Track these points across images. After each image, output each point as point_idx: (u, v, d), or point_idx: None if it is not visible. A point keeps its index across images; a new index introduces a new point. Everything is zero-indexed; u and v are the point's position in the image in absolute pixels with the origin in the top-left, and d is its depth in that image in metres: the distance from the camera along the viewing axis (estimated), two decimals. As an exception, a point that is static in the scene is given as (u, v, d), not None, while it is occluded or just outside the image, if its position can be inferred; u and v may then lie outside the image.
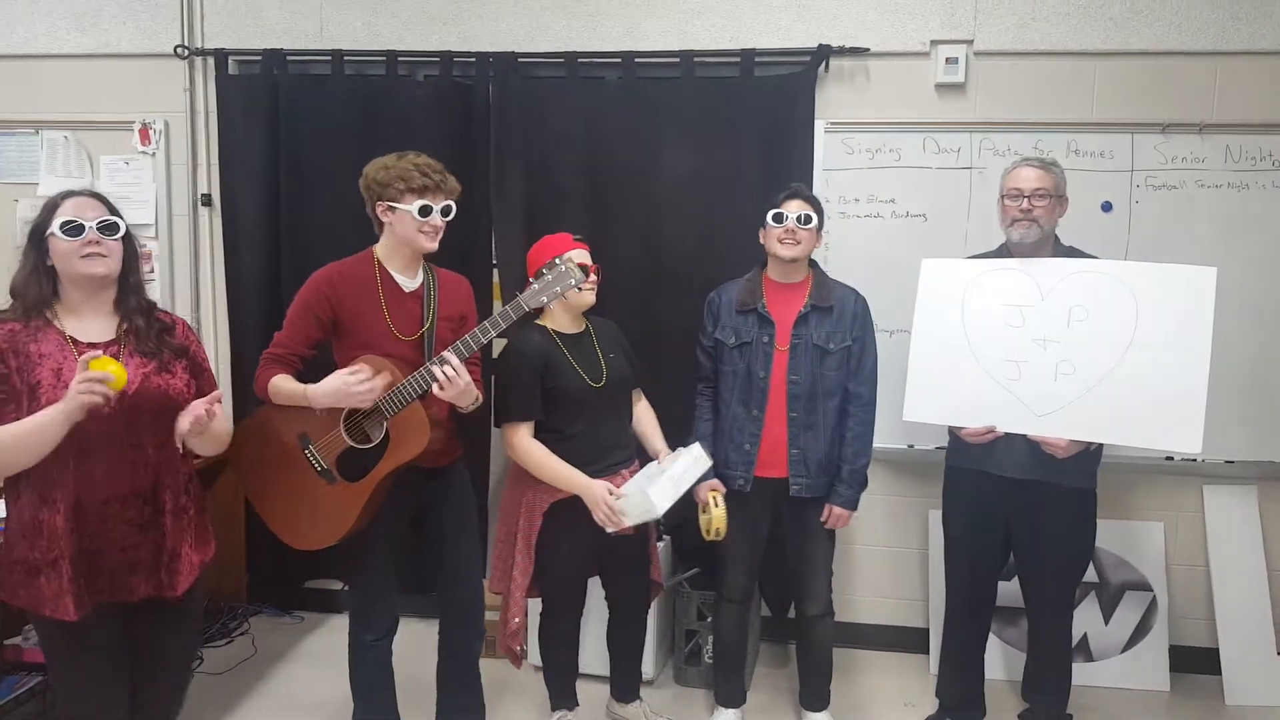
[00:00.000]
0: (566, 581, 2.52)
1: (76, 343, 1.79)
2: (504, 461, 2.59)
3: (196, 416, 1.81)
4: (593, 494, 2.32)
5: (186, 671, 2.17)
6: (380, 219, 2.23)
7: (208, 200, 3.43)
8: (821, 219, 2.51)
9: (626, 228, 3.14)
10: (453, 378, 2.09)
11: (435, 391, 2.10)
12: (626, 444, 2.53)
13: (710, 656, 2.93)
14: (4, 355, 1.74)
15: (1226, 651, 3.01)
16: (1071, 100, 3.00)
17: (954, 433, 2.48)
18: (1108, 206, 2.98)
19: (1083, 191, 2.81)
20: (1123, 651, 3.07)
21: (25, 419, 1.70)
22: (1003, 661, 3.07)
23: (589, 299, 2.44)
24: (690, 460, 2.41)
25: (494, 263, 3.24)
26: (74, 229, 1.76)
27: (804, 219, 2.46)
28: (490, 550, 2.63)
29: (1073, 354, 2.29)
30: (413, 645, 2.63)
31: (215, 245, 3.44)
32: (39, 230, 1.78)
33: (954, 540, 2.61)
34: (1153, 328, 2.24)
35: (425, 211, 2.18)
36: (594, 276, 2.43)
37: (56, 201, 1.80)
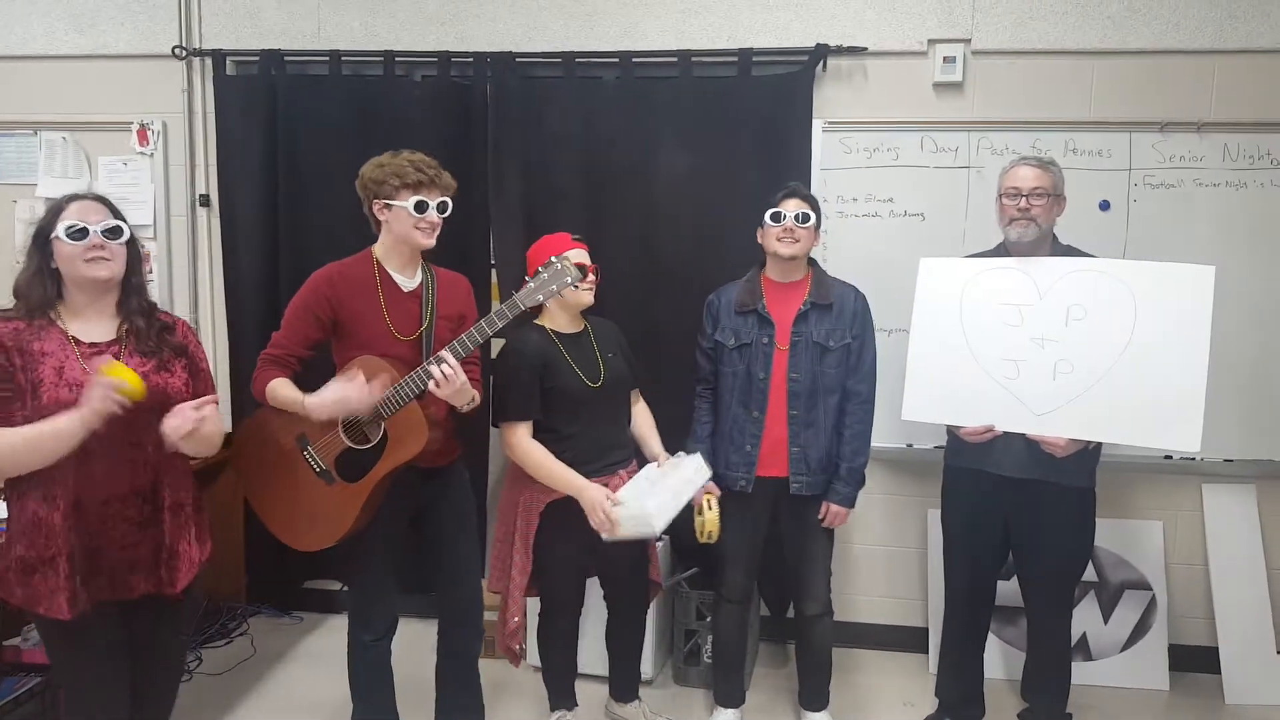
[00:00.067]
0: (564, 581, 2.51)
1: (78, 342, 1.80)
2: (503, 461, 2.59)
3: (180, 422, 1.79)
4: (589, 497, 2.31)
5: (181, 668, 2.18)
6: (377, 217, 2.24)
7: (206, 201, 3.44)
8: (819, 217, 2.51)
9: (624, 227, 3.14)
10: (450, 376, 2.09)
11: (432, 390, 2.10)
12: (624, 444, 2.53)
13: (709, 656, 2.93)
14: (9, 353, 1.75)
15: (1226, 650, 3.01)
16: (1069, 99, 3.00)
17: (953, 432, 2.47)
18: (1106, 205, 2.98)
19: (1081, 190, 2.81)
20: (1122, 650, 3.07)
21: (40, 423, 1.70)
22: (1002, 661, 3.07)
23: (587, 299, 2.44)
24: (691, 471, 2.41)
25: (492, 262, 3.24)
26: (78, 233, 1.77)
27: (802, 217, 2.45)
28: (489, 550, 2.63)
29: (1071, 353, 2.28)
30: (412, 645, 2.63)
31: (214, 245, 3.44)
32: (43, 232, 1.79)
33: (953, 539, 2.61)
34: (1151, 326, 2.24)
35: (421, 207, 2.18)
36: (592, 276, 2.43)
37: (61, 204, 1.81)
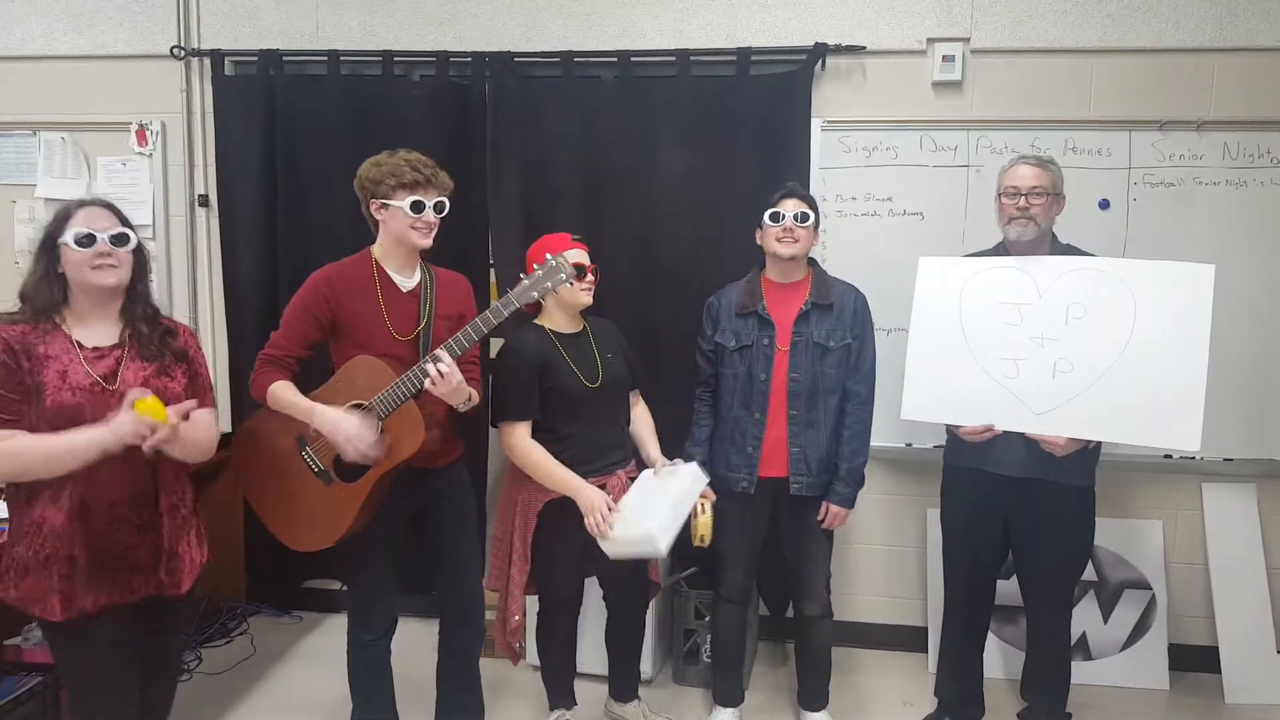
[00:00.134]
0: (563, 580, 2.51)
1: (82, 346, 1.82)
2: (502, 460, 2.59)
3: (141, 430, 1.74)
4: (586, 497, 2.31)
5: (180, 669, 2.21)
6: (375, 217, 2.24)
7: (205, 201, 3.44)
8: (818, 217, 2.51)
9: (623, 227, 3.13)
10: (446, 374, 2.08)
11: (428, 388, 2.10)
12: (623, 445, 2.52)
13: (708, 656, 2.93)
14: (17, 356, 1.76)
15: (1226, 650, 3.01)
16: (1069, 98, 3.00)
17: (952, 431, 2.47)
18: (1105, 204, 2.98)
19: (1080, 189, 2.81)
20: (1122, 650, 3.07)
21: (60, 438, 1.73)
22: (1001, 660, 3.07)
23: (586, 300, 2.43)
24: (689, 481, 2.40)
25: (491, 262, 3.23)
26: (86, 240, 1.78)
27: (801, 217, 2.45)
28: (489, 549, 2.63)
29: (1071, 352, 2.28)
30: (412, 645, 2.63)
31: (212, 246, 3.44)
32: (51, 238, 1.80)
33: (952, 539, 2.61)
34: (1151, 325, 2.23)
35: (418, 207, 2.18)
36: (591, 277, 2.43)
37: (70, 210, 1.82)
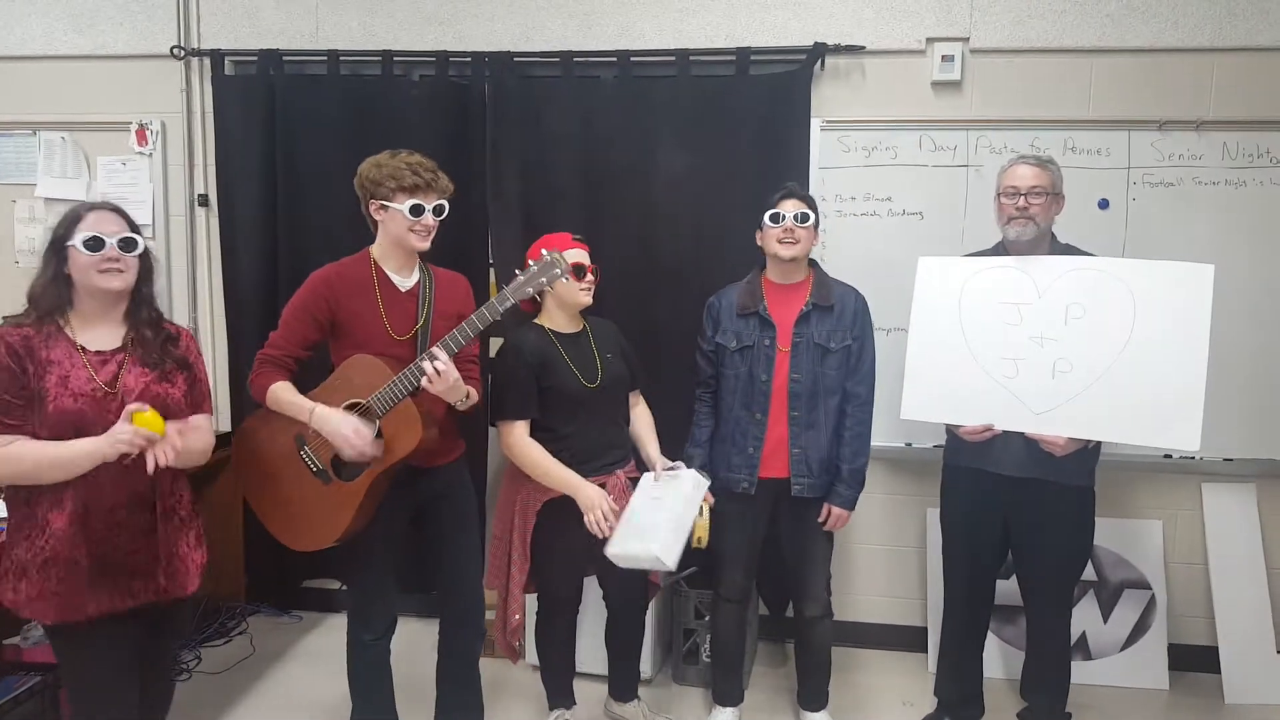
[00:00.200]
0: (562, 580, 2.51)
1: (85, 350, 1.83)
2: (502, 459, 2.59)
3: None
4: (585, 495, 2.31)
5: (176, 670, 2.20)
6: (374, 217, 2.24)
7: (204, 200, 3.44)
8: (818, 217, 2.51)
9: (622, 226, 3.13)
10: (443, 372, 2.08)
11: (425, 386, 2.10)
12: (622, 444, 2.52)
13: (708, 655, 2.92)
14: (21, 360, 1.77)
15: (1225, 650, 3.00)
16: (1068, 97, 3.00)
17: (952, 431, 2.47)
18: (1104, 204, 2.98)
19: (1079, 189, 2.82)
20: (1121, 650, 3.07)
21: (60, 446, 1.75)
22: (1001, 660, 3.06)
23: (585, 299, 2.43)
24: (690, 487, 2.39)
25: (490, 262, 3.23)
26: (95, 244, 1.80)
27: (801, 217, 2.45)
28: (489, 547, 2.63)
29: (1070, 352, 2.28)
30: (412, 644, 2.63)
31: (212, 245, 3.44)
32: (60, 240, 1.81)
33: (952, 539, 2.61)
34: (1150, 325, 2.23)
35: (417, 211, 2.18)
36: (591, 277, 2.43)
37: (79, 214, 1.83)
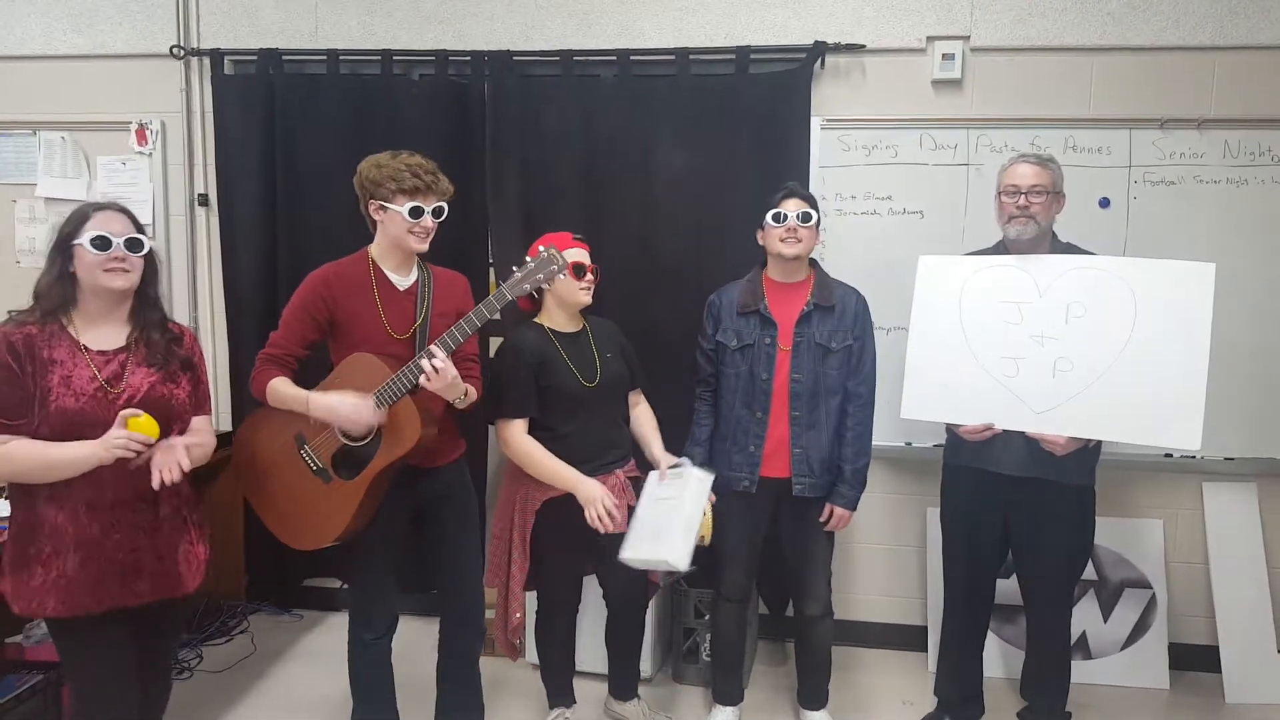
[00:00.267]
0: (561, 579, 2.51)
1: (88, 349, 1.84)
2: (502, 458, 2.59)
3: (168, 461, 1.83)
4: (585, 491, 2.31)
5: (174, 668, 2.23)
6: (373, 217, 2.24)
7: (204, 200, 3.44)
8: (819, 216, 2.51)
9: (622, 226, 3.13)
10: (441, 370, 2.08)
11: (423, 384, 2.10)
12: (621, 444, 2.52)
13: (708, 654, 2.92)
14: (21, 360, 1.78)
15: (1226, 649, 3.00)
16: (1069, 96, 2.99)
17: (952, 430, 2.47)
18: (1105, 203, 2.97)
19: (1080, 188, 2.81)
20: (1122, 649, 3.07)
21: (55, 448, 1.76)
22: (1001, 659, 3.06)
23: (585, 298, 2.43)
24: (696, 486, 2.38)
25: (490, 261, 3.23)
26: (102, 243, 1.81)
27: (804, 217, 2.45)
28: (489, 547, 2.63)
29: (1071, 351, 2.28)
30: (412, 644, 2.63)
31: (212, 245, 3.44)
32: (66, 239, 1.83)
33: (952, 538, 2.61)
34: (1151, 324, 2.23)
35: (416, 213, 2.18)
36: (591, 276, 2.43)
37: (87, 213, 1.85)
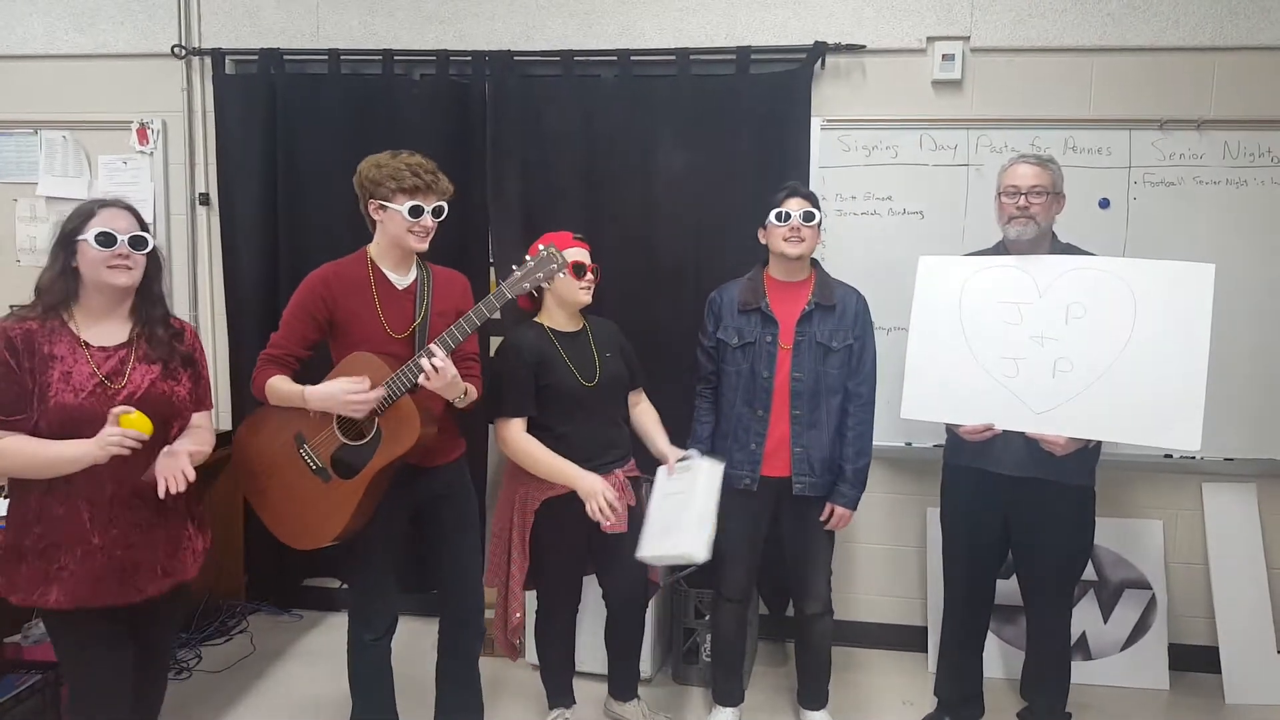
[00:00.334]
0: (560, 578, 2.51)
1: (88, 345, 1.84)
2: (501, 458, 2.59)
3: (173, 466, 1.86)
4: (585, 484, 2.31)
5: (169, 663, 2.25)
6: (372, 216, 2.24)
7: (205, 199, 3.44)
8: (821, 215, 2.51)
9: (623, 226, 3.13)
10: (440, 369, 2.08)
11: (422, 383, 2.10)
12: (621, 444, 2.52)
13: (708, 655, 2.93)
14: (19, 356, 1.78)
15: (1226, 650, 3.00)
16: (1068, 97, 3.00)
17: (952, 430, 2.47)
18: (1105, 203, 2.97)
19: (1080, 188, 2.81)
20: (1122, 650, 3.06)
21: (50, 446, 1.77)
22: (1001, 660, 3.06)
23: (585, 298, 2.44)
24: (706, 476, 2.37)
25: (491, 261, 3.23)
26: (106, 240, 1.81)
27: (807, 216, 2.45)
28: (489, 546, 2.63)
29: (1071, 351, 2.28)
30: (412, 644, 2.63)
31: (213, 244, 3.45)
32: (71, 234, 1.83)
33: (952, 538, 2.61)
34: (1151, 324, 2.23)
35: (416, 212, 2.18)
36: (591, 276, 2.43)
37: (93, 209, 1.85)
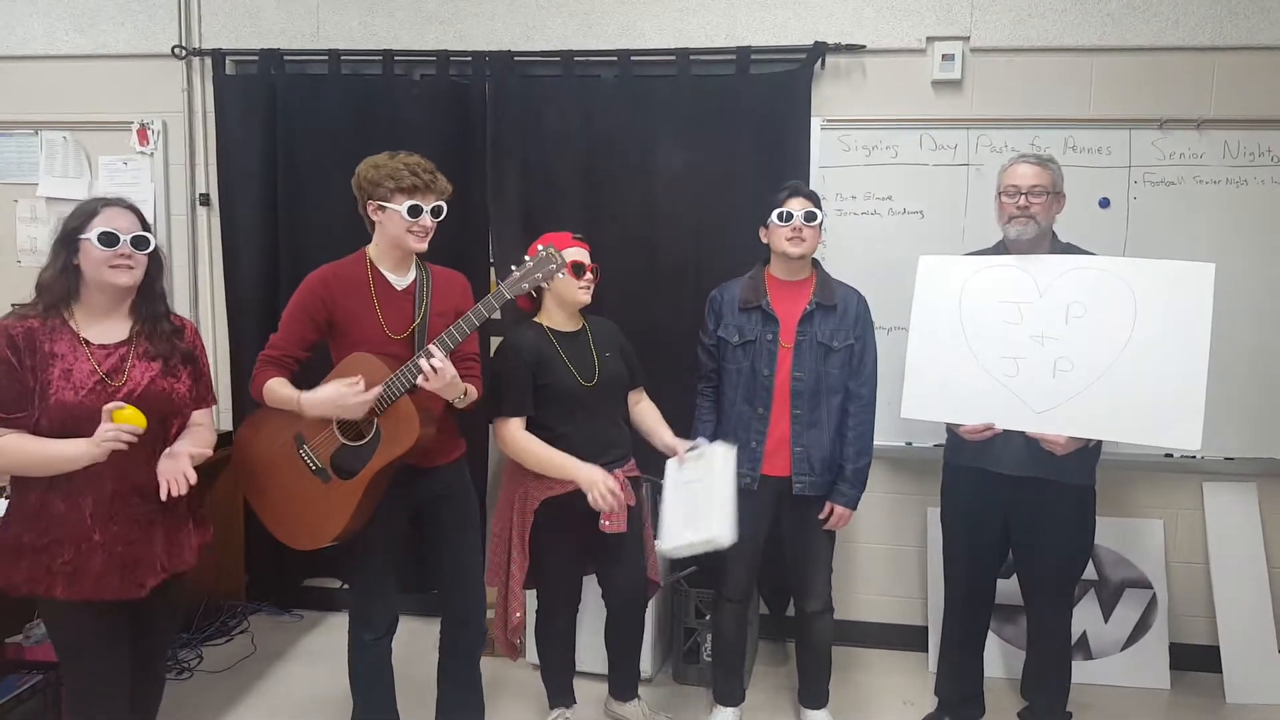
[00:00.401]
0: (560, 578, 2.52)
1: (88, 343, 1.85)
2: (501, 458, 2.59)
3: (174, 468, 1.87)
4: (586, 476, 2.31)
5: (166, 662, 2.26)
6: (371, 217, 2.24)
7: (206, 200, 3.45)
8: (822, 215, 2.51)
9: (623, 226, 3.13)
10: (439, 369, 2.08)
11: (421, 383, 2.10)
12: (620, 444, 2.52)
13: (709, 654, 2.93)
14: (20, 354, 1.79)
15: (1227, 649, 3.00)
16: (1068, 96, 3.00)
17: (952, 430, 2.47)
18: (1105, 203, 2.97)
19: (1080, 188, 2.81)
20: (1122, 649, 3.06)
21: (48, 445, 1.78)
22: (1002, 659, 3.06)
23: (584, 298, 2.44)
24: (721, 462, 2.35)
25: (491, 261, 3.23)
26: (109, 239, 1.82)
27: (809, 216, 2.46)
28: (489, 546, 2.63)
29: (1071, 350, 2.28)
30: (412, 644, 2.63)
31: (213, 244, 3.45)
32: (73, 233, 1.83)
33: (953, 538, 2.61)
34: (1151, 324, 2.23)
35: (415, 212, 2.18)
36: (590, 275, 2.43)
37: (95, 208, 1.86)
